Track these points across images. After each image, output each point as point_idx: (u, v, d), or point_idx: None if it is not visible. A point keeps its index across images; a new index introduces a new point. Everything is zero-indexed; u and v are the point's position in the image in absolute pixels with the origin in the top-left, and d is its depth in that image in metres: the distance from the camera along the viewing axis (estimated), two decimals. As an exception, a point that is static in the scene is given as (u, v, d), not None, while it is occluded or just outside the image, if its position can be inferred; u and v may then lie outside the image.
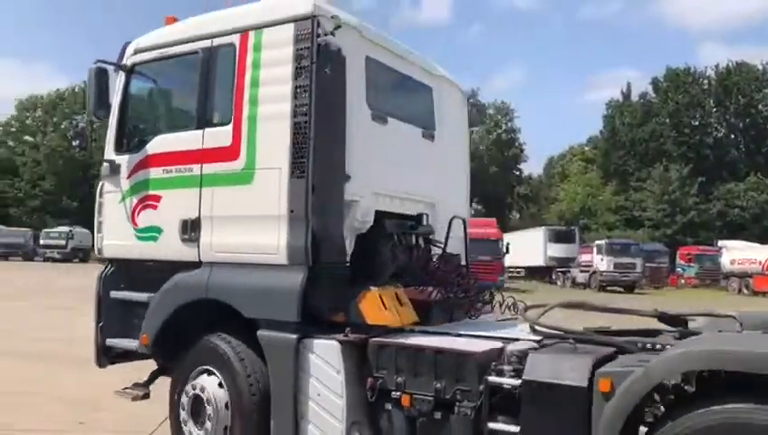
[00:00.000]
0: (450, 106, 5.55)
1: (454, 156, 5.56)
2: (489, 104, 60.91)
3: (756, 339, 3.12)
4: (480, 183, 57.26)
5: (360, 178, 4.29)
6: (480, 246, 31.77)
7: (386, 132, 4.64)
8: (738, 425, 2.64)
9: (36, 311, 14.40)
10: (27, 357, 8.91)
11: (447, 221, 5.06)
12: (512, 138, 60.78)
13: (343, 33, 4.16)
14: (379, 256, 4.46)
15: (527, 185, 68.95)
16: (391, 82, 5.01)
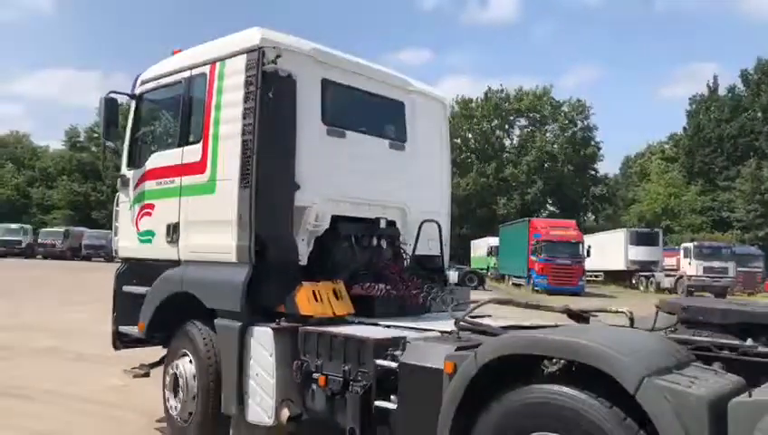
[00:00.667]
0: (426, 118, 5.98)
1: (429, 164, 5.98)
2: (563, 102, 58.85)
3: (591, 331, 3.45)
4: (554, 183, 55.56)
5: (313, 186, 4.87)
6: (559, 248, 30.71)
7: (344, 145, 5.19)
8: (540, 404, 2.89)
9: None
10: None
11: (422, 226, 5.57)
12: (587, 136, 58.47)
13: (296, 60, 4.82)
14: (333, 255, 5.07)
15: (603, 185, 66.31)
16: (353, 99, 5.48)
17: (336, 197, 5.13)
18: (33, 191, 67.37)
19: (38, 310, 14.10)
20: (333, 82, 5.20)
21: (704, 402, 2.47)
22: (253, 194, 4.59)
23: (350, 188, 5.23)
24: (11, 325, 11.46)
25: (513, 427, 2.99)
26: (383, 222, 5.50)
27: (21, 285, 21.00)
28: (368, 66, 5.70)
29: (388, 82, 5.79)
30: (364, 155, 5.36)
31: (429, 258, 5.75)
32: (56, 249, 50.38)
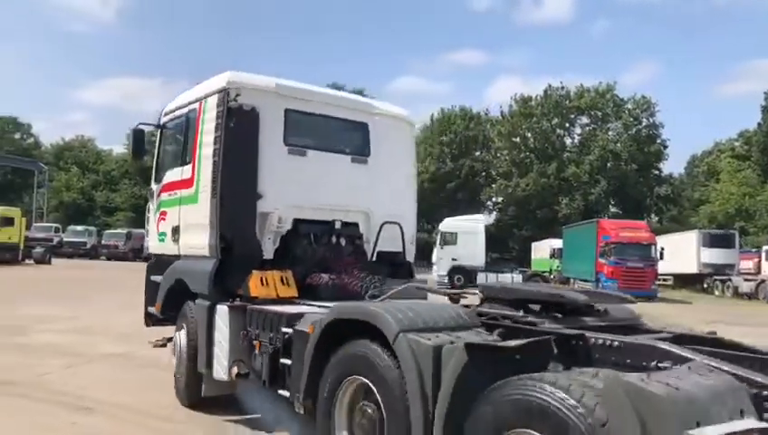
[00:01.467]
0: (390, 136, 6.84)
1: (393, 175, 6.81)
2: (627, 99, 56.57)
3: (401, 303, 4.23)
4: (618, 183, 53.41)
5: (275, 196, 5.93)
6: (630, 250, 29.13)
7: (305, 162, 6.20)
8: (354, 353, 4.03)
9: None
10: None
11: (377, 227, 6.54)
12: (653, 134, 56.02)
13: (260, 96, 5.93)
14: (294, 250, 6.12)
15: (668, 185, 63.57)
16: (316, 124, 6.47)
17: (297, 203, 6.21)
18: (98, 194, 69.27)
19: (101, 312, 13.86)
20: (296, 111, 6.24)
21: (430, 348, 3.43)
22: (218, 203, 5.78)
23: (310, 196, 6.28)
24: (73, 328, 11.17)
25: (344, 366, 4.07)
26: (338, 224, 6.46)
27: (84, 286, 21.11)
28: (331, 95, 7.01)
29: (351, 107, 6.81)
30: (325, 169, 6.38)
31: (394, 254, 6.76)
32: (119, 250, 51.52)
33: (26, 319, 12.09)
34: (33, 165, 65.51)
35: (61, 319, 12.30)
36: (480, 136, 60.15)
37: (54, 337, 10.08)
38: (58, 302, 15.70)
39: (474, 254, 30.44)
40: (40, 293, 18.39)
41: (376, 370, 3.79)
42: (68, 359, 8.27)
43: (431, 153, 59.33)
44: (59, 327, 11.25)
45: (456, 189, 57.76)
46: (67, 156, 77.12)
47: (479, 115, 62.02)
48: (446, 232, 31.19)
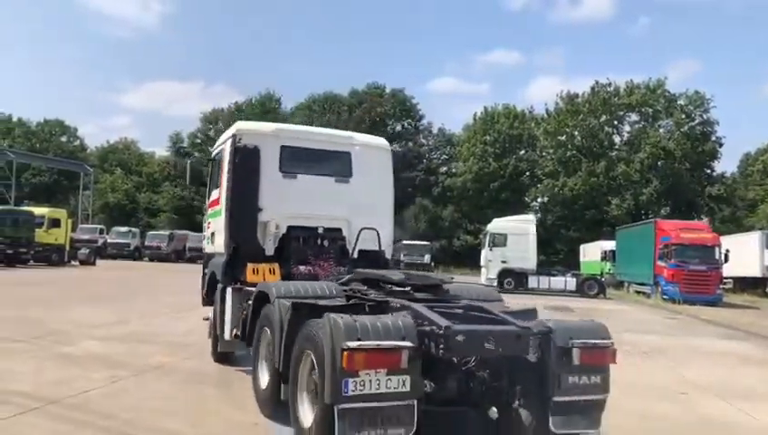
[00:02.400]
0: (368, 160, 8.43)
1: (371, 191, 8.35)
2: (679, 94, 54.38)
3: (292, 283, 6.30)
4: (670, 182, 51.26)
5: (272, 209, 7.88)
6: (692, 252, 27.42)
7: (296, 183, 8.06)
8: (265, 313, 6.12)
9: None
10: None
11: (356, 233, 8.13)
12: (707, 131, 53.73)
13: (261, 138, 8.02)
14: (287, 248, 7.94)
15: (720, 184, 61.00)
16: (305, 154, 8.21)
17: (290, 214, 7.98)
18: (141, 196, 69.91)
19: (147, 317, 13.23)
20: (289, 147, 8.11)
21: (287, 305, 5.31)
22: (228, 215, 7.79)
23: (300, 209, 8.04)
24: (119, 335, 10.51)
25: (261, 317, 6.20)
26: (321, 229, 8.12)
27: (129, 288, 20.72)
28: (319, 132, 9.35)
29: (336, 141, 8.67)
30: (312, 188, 8.11)
31: (374, 252, 8.23)
32: (161, 252, 51.68)
33: (71, 324, 11.52)
34: (78, 167, 66.46)
35: (106, 324, 11.70)
36: (525, 134, 58.61)
37: (99, 345, 9.42)
38: (103, 305, 15.20)
39: (524, 256, 29.24)
40: (85, 295, 17.98)
41: (269, 317, 5.80)
42: (113, 371, 7.55)
43: (474, 153, 58.08)
44: (104, 334, 10.61)
45: (501, 189, 56.35)
46: (111, 158, 78.20)
47: (523, 113, 60.49)
48: (495, 233, 30.02)
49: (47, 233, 34.55)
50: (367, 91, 63.90)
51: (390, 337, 4.28)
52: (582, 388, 4.81)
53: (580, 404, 4.83)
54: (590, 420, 4.90)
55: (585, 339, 4.85)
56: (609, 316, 19.20)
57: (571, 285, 29.16)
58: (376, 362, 4.19)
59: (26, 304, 14.80)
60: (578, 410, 4.82)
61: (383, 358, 4.22)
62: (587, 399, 4.84)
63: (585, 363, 4.81)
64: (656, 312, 22.21)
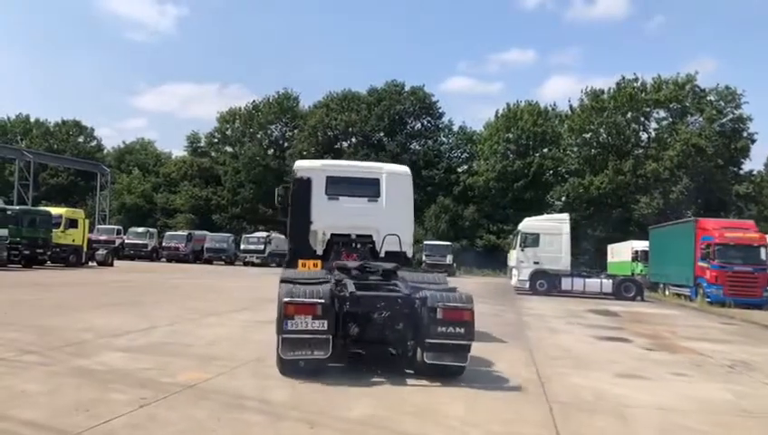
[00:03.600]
0: (393, 185, 11.26)
1: (395, 207, 11.10)
2: (709, 90, 52.65)
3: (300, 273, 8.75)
4: (701, 180, 49.58)
5: (319, 222, 10.79)
6: (736, 253, 25.75)
7: (337, 203, 10.96)
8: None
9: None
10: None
11: (385, 238, 10.61)
12: (738, 127, 51.98)
13: (312, 171, 11.18)
14: (330, 250, 10.65)
15: (749, 183, 59.17)
16: (345, 182, 11.21)
17: (332, 225, 10.88)
18: (158, 196, 69.34)
19: (171, 323, 12.21)
20: (333, 177, 11.14)
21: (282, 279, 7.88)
22: (289, 227, 11.37)
23: (340, 222, 10.91)
24: (144, 346, 9.47)
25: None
26: (354, 236, 10.94)
27: (150, 291, 19.76)
28: (355, 165, 13.16)
29: (369, 170, 11.80)
30: (350, 207, 10.97)
31: (396, 253, 10.32)
32: (179, 252, 51.03)
33: (89, 332, 10.52)
34: (96, 167, 66.01)
35: (128, 332, 10.68)
36: (549, 132, 57.18)
37: (121, 358, 8.38)
38: (124, 310, 14.22)
39: (558, 257, 27.95)
40: (104, 299, 17.03)
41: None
42: (139, 392, 6.50)
43: (496, 150, 56.75)
44: (126, 344, 9.59)
45: (525, 188, 54.95)
46: (128, 159, 77.79)
47: (546, 110, 59.08)
48: (527, 233, 28.74)
49: (64, 233, 33.84)
50: (386, 89, 62.78)
51: (312, 297, 7.22)
52: (446, 335, 7.27)
53: (448, 346, 7.33)
54: (455, 356, 7.44)
55: (447, 302, 7.37)
56: (660, 321, 17.96)
57: (608, 287, 27.82)
58: (302, 310, 7.14)
59: (42, 309, 13.86)
60: (446, 350, 7.36)
61: (306, 308, 7.15)
62: (452, 342, 7.32)
63: (447, 318, 7.28)
64: (706, 316, 20.88)
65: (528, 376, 8.45)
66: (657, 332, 15.00)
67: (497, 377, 8.29)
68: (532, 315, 17.85)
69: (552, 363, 9.52)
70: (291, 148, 64.72)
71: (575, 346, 11.62)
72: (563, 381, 8.22)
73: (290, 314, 7.16)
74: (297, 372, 7.37)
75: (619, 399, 7.32)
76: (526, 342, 11.96)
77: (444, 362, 7.46)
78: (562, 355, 10.45)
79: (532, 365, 9.31)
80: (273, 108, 67.69)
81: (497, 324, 14.93)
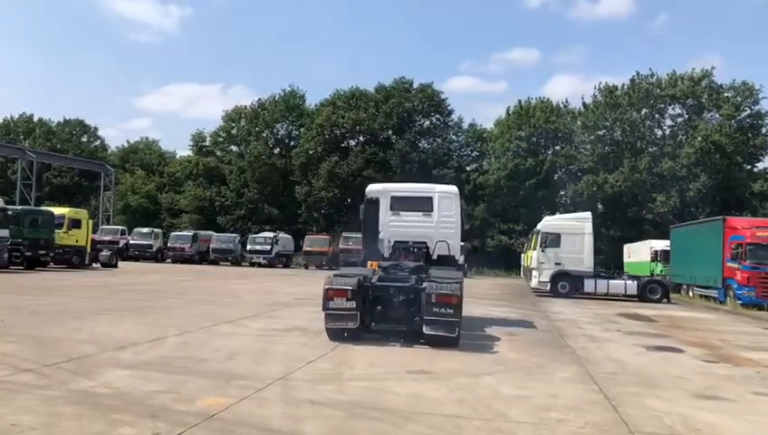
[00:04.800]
0: (444, 202, 13.89)
1: (445, 220, 13.71)
2: (725, 86, 51.40)
3: (355, 269, 12.43)
4: (720, 178, 48.36)
5: (385, 232, 13.52)
6: (766, 252, 25.06)
7: (400, 218, 13.66)
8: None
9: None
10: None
11: (437, 244, 13.34)
12: (756, 124, 50.71)
13: (381, 193, 14.00)
14: (393, 254, 13.28)
15: (763, 181, 57.94)
16: (405, 200, 13.90)
17: (396, 235, 13.53)
18: (163, 197, 68.38)
19: (183, 332, 11.15)
20: (396, 196, 13.91)
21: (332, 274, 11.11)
22: (363, 237, 13.87)
23: (402, 232, 13.57)
24: (155, 360, 8.41)
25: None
26: (411, 243, 13.46)
27: (157, 294, 18.69)
28: (414, 186, 15.32)
29: (423, 191, 14.46)
30: (409, 220, 13.68)
31: (445, 256, 13.34)
32: (185, 253, 50.08)
33: (92, 343, 9.49)
34: (99, 167, 65.12)
35: (135, 344, 9.64)
36: (562, 128, 55.97)
37: (129, 377, 7.33)
38: (130, 317, 13.17)
39: (580, 258, 26.81)
40: (109, 304, 15.99)
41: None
42: (150, 424, 5.45)
43: (508, 148, 55.57)
44: (134, 358, 8.54)
45: (537, 187, 53.77)
46: (132, 158, 76.83)
47: (558, 107, 57.87)
48: (547, 233, 27.59)
49: (67, 234, 32.91)
50: (394, 87, 61.63)
51: (344, 285, 10.36)
52: (439, 313, 10.08)
53: (440, 321, 10.11)
54: (446, 329, 10.17)
55: (439, 290, 10.16)
56: (699, 326, 16.83)
57: (632, 288, 26.68)
58: (338, 294, 10.30)
59: (41, 316, 12.82)
60: (439, 324, 10.13)
61: (340, 292, 10.29)
62: (443, 319, 10.09)
63: (439, 301, 10.08)
64: (744, 321, 19.75)
65: (594, 398, 7.36)
66: (706, 339, 13.89)
67: (558, 399, 7.20)
68: (563, 321, 16.75)
69: (614, 381, 8.43)
70: (297, 146, 63.67)
71: (628, 359, 10.52)
72: (637, 404, 7.13)
73: (330, 296, 10.45)
74: (340, 337, 10.62)
75: (714, 429, 6.24)
76: (572, 353, 10.87)
77: (438, 333, 10.25)
78: (619, 370, 9.35)
79: (591, 383, 8.22)
80: (278, 106, 66.60)
81: (531, 332, 13.87)
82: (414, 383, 7.67)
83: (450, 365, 8.92)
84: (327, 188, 58.14)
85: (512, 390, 7.53)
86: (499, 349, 10.93)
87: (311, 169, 60.21)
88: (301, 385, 7.29)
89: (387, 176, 58.03)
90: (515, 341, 12.08)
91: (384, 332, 11.38)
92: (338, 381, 7.63)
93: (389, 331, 11.44)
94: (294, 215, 61.54)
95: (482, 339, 12.00)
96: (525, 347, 11.23)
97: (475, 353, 10.15)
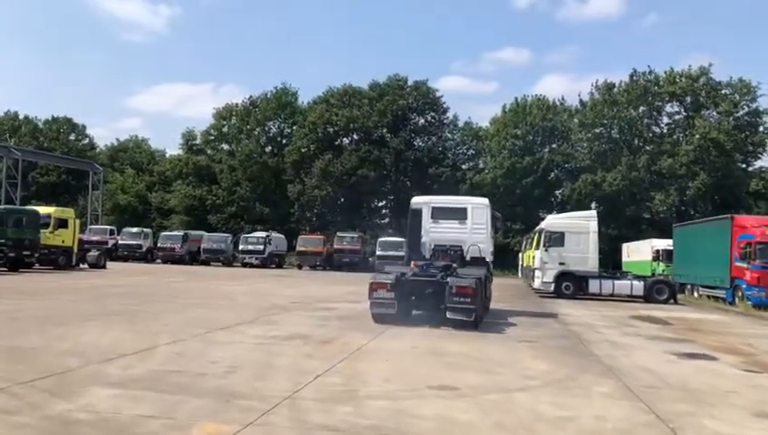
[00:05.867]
0: (476, 212, 16.56)
1: (477, 229, 16.28)
2: (723, 83, 50.86)
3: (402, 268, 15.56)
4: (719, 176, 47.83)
5: (427, 237, 16.38)
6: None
7: (438, 225, 16.48)
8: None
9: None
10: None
11: (470, 247, 15.95)
12: (754, 121, 50.23)
13: (423, 204, 16.89)
14: (433, 256, 15.85)
15: (759, 179, 57.52)
16: (444, 210, 16.80)
17: (435, 240, 16.22)
18: (153, 196, 67.15)
19: (175, 340, 10.19)
20: (435, 207, 16.80)
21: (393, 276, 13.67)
22: (408, 241, 17.88)
23: (441, 237, 16.23)
24: (142, 376, 7.44)
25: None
26: (448, 246, 16.00)
27: (147, 297, 17.69)
28: (451, 198, 19.55)
29: (459, 202, 17.95)
30: (447, 227, 16.40)
31: (477, 257, 15.72)
32: (175, 253, 49.04)
33: (74, 355, 8.53)
34: (88, 166, 63.81)
35: (123, 355, 8.67)
36: (559, 126, 55.26)
37: (114, 398, 6.37)
38: (118, 323, 12.18)
39: (585, 257, 26.01)
40: (96, 308, 14.96)
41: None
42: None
43: (504, 146, 54.77)
44: (121, 373, 7.58)
45: (534, 185, 53.01)
46: (122, 157, 75.51)
47: (555, 105, 57.15)
48: (551, 231, 26.77)
49: (53, 234, 31.73)
50: (388, 84, 60.72)
51: (385, 278, 13.43)
52: (457, 301, 12.72)
53: (458, 307, 12.74)
54: (464, 314, 12.76)
55: (458, 284, 12.83)
56: (718, 329, 16.03)
57: (638, 289, 25.90)
58: (379, 287, 13.22)
59: (20, 323, 11.79)
60: (458, 310, 12.78)
61: (381, 285, 13.23)
62: (461, 307, 12.73)
63: (458, 292, 12.73)
64: (760, 323, 19.02)
65: (645, 419, 6.48)
66: (731, 344, 13.08)
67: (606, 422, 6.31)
68: (578, 324, 15.91)
69: (658, 396, 7.56)
70: (290, 144, 62.63)
71: (661, 368, 9.66)
72: (697, 427, 6.26)
73: (374, 288, 13.25)
74: (383, 320, 13.13)
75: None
76: (598, 361, 10.00)
77: (458, 317, 12.81)
78: (658, 382, 8.48)
79: (634, 398, 7.35)
80: (270, 103, 65.51)
81: (549, 337, 13.00)
82: (440, 402, 6.77)
83: (475, 379, 8.03)
84: (320, 187, 57.15)
85: (551, 409, 6.65)
86: (522, 356, 10.06)
87: (303, 168, 59.19)
88: (311, 406, 6.37)
89: (381, 175, 57.24)
90: (537, 348, 11.20)
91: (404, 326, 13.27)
92: (353, 400, 6.72)
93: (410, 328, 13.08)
94: (287, 214, 60.51)
95: (500, 346, 11.13)
96: (550, 355, 10.35)
97: (499, 364, 9.26)
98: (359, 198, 58.72)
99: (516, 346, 11.35)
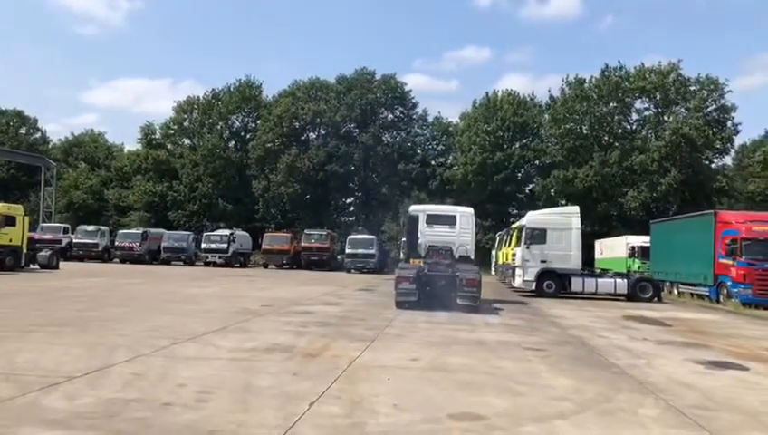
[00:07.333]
0: (463, 219, 20.99)
1: (464, 233, 20.65)
2: (692, 80, 50.90)
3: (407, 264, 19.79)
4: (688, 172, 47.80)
5: (423, 239, 20.33)
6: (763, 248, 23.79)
7: (432, 229, 20.53)
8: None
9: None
10: None
11: (458, 248, 19.85)
12: (722, 117, 50.40)
13: (419, 211, 21.69)
14: (428, 254, 19.57)
15: (722, 176, 58.06)
16: (437, 217, 21.15)
17: (430, 241, 20.09)
18: (110, 193, 64.39)
19: (135, 356, 8.63)
20: (430, 214, 21.21)
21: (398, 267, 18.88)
22: (407, 242, 21.05)
23: (434, 239, 20.12)
24: (93, 410, 5.91)
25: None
26: (440, 246, 19.56)
27: (105, 302, 15.95)
28: (443, 207, 25.99)
29: (450, 211, 22.40)
30: (439, 231, 20.44)
31: (464, 256, 19.65)
32: (134, 252, 46.85)
33: (10, 380, 6.96)
34: (40, 160, 60.77)
35: (70, 378, 7.12)
36: (530, 122, 54.62)
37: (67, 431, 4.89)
38: (69, 334, 10.53)
39: (567, 255, 25.11)
40: (43, 316, 13.16)
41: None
42: None
43: (475, 141, 53.88)
44: (65, 406, 6.04)
45: (505, 181, 52.25)
46: (76, 152, 72.39)
47: (526, 100, 56.52)
48: (532, 228, 25.79)
49: (0, 232, 29.41)
50: (356, 78, 59.28)
51: (408, 273, 17.40)
52: (467, 290, 16.73)
53: (468, 295, 16.71)
54: (471, 300, 16.73)
55: (467, 277, 16.88)
56: (719, 331, 15.11)
57: (622, 287, 25.12)
58: (403, 279, 17.16)
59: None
60: (467, 297, 16.71)
61: (405, 278, 17.18)
62: (470, 295, 16.73)
63: (467, 284, 16.77)
64: (757, 323, 18.22)
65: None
66: (753, 351, 12.11)
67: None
68: (574, 327, 14.81)
69: (718, 421, 6.38)
70: (254, 139, 60.68)
71: (699, 382, 8.52)
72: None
73: (400, 281, 17.09)
74: (404, 307, 16.82)
75: None
76: (624, 374, 8.83)
77: (466, 303, 16.50)
78: (707, 402, 7.31)
79: (694, 426, 6.15)
80: (234, 97, 63.44)
81: (552, 343, 11.83)
82: (471, 439, 5.45)
83: (499, 403, 6.72)
84: (286, 183, 55.44)
85: (608, 445, 5.39)
86: (536, 369, 8.82)
87: (268, 163, 57.39)
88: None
89: (350, 171, 55.79)
90: (547, 358, 9.99)
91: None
92: (363, 438, 5.35)
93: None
94: (251, 211, 58.62)
95: (505, 356, 9.87)
96: (566, 367, 9.14)
97: (516, 381, 7.99)
98: (326, 195, 57.21)
99: (524, 355, 10.13)
